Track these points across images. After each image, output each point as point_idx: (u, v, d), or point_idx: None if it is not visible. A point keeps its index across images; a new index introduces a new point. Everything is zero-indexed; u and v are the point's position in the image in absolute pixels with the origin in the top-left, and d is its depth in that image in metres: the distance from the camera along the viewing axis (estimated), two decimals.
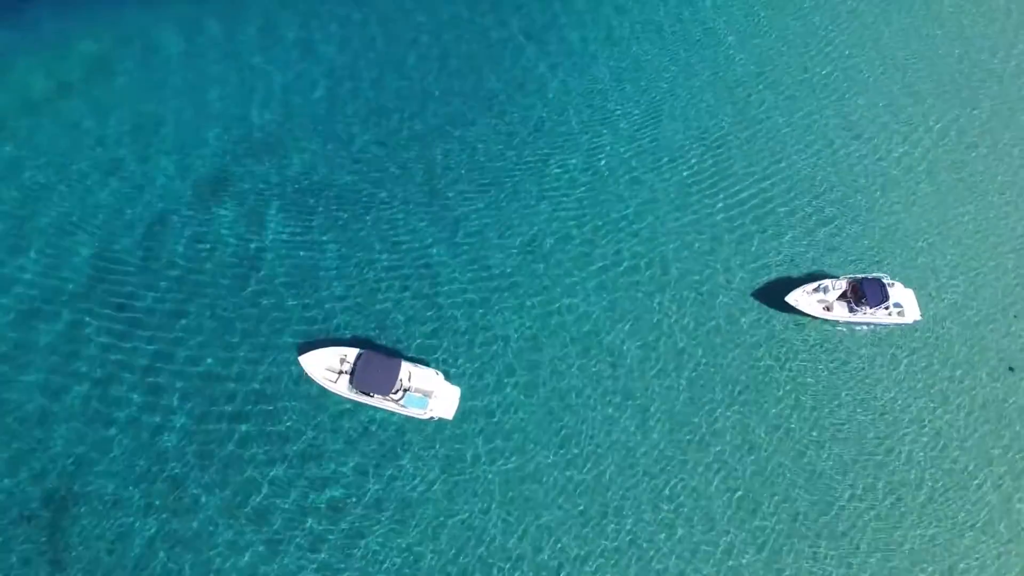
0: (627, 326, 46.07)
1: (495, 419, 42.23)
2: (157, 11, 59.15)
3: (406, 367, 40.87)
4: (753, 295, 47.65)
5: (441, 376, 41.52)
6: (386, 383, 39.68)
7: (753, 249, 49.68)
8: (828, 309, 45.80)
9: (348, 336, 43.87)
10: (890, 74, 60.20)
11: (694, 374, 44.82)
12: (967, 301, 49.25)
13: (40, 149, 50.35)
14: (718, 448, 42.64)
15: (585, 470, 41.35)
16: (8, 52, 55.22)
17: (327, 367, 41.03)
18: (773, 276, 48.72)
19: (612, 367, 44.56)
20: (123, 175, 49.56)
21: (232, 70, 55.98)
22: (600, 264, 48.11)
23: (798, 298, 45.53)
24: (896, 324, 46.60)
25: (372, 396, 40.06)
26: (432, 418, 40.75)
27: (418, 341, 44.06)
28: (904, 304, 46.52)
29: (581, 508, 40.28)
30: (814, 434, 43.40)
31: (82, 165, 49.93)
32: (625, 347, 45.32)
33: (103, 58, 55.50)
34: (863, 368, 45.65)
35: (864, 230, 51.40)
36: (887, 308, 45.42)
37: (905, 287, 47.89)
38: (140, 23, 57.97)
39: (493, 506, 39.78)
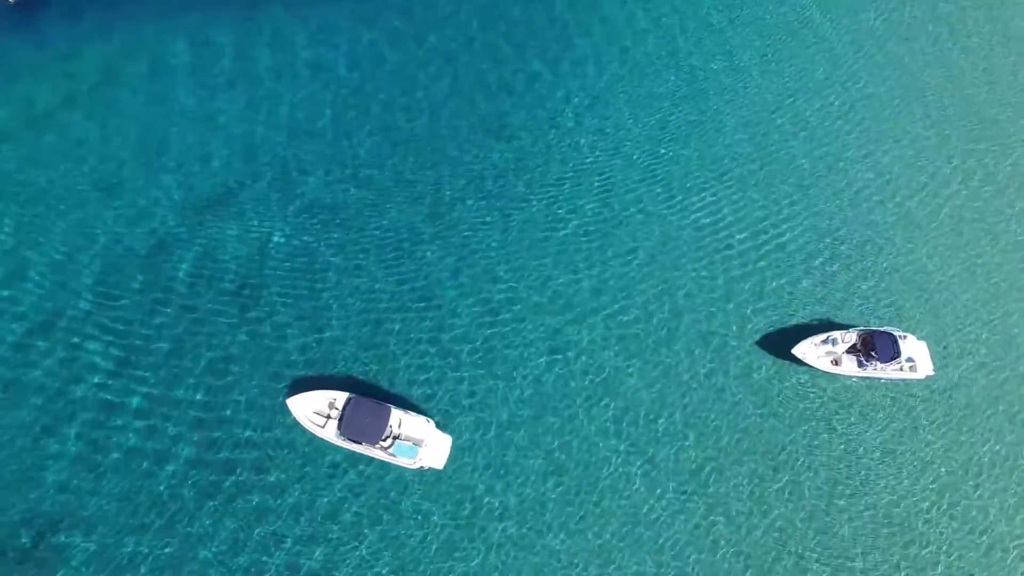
0: (633, 372, 44.87)
1: (489, 469, 41.27)
2: (166, 25, 58.43)
3: (396, 414, 39.94)
4: (764, 343, 46.18)
5: (432, 424, 40.56)
6: (374, 431, 38.79)
7: (766, 292, 48.17)
8: (836, 363, 44.21)
9: (342, 375, 43.03)
10: (915, 109, 58.25)
11: (700, 425, 43.61)
12: (984, 355, 47.58)
13: (42, 167, 49.81)
14: (724, 505, 41.33)
15: (584, 527, 40.27)
16: (15, 65, 54.80)
17: (315, 410, 40.23)
18: (786, 322, 47.23)
19: (616, 417, 43.45)
20: (124, 198, 48.89)
21: (239, 89, 55.19)
22: (608, 307, 46.81)
23: (805, 351, 44.03)
24: (908, 379, 44.80)
25: (360, 444, 39.12)
26: (421, 467, 39.75)
27: (412, 384, 43.14)
28: (916, 358, 44.80)
29: (580, 570, 39.04)
30: (821, 496, 42.04)
31: (83, 186, 49.33)
32: (630, 395, 44.14)
33: (109, 73, 54.93)
34: (872, 426, 44.14)
35: (880, 275, 49.74)
36: (898, 364, 43.65)
37: (918, 339, 46.16)
38: (148, 37, 57.29)
39: (485, 566, 38.67)
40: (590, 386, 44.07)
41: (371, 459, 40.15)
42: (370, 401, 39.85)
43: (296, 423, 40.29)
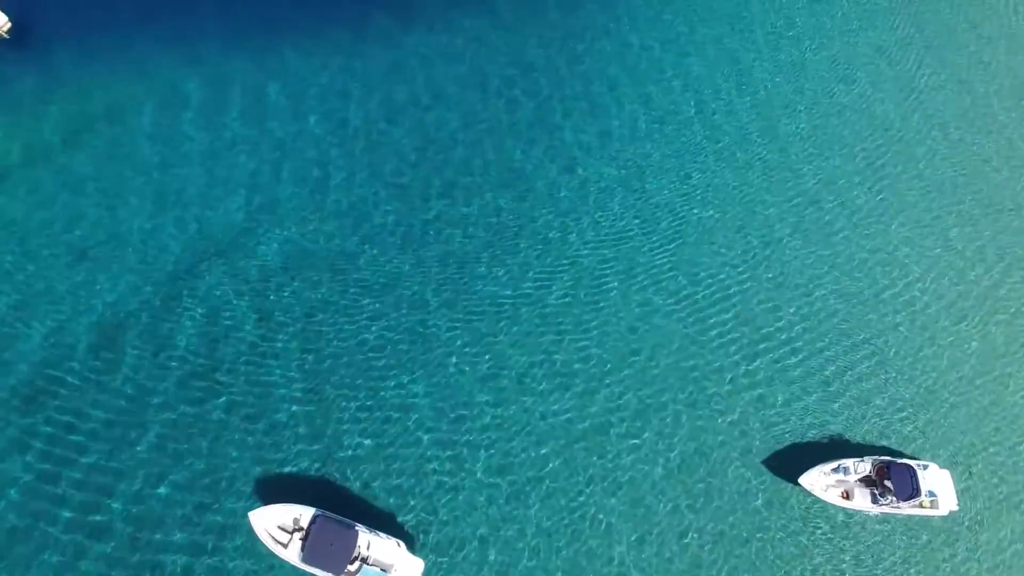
0: (626, 490, 41.52)
1: None
2: (168, 67, 56.54)
3: (364, 536, 37.12)
4: (771, 463, 42.72)
5: (403, 547, 37.69)
6: (339, 559, 36.10)
7: (775, 405, 44.65)
8: (847, 496, 40.64)
9: (312, 478, 40.26)
10: (943, 199, 54.18)
11: (697, 555, 40.00)
12: (1017, 484, 43.33)
13: (14, 226, 47.79)
14: None
15: None
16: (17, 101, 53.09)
17: (279, 525, 37.54)
18: (797, 439, 43.81)
19: (606, 539, 40.15)
20: (92, 261, 46.69)
21: (240, 141, 53.44)
22: (602, 416, 43.47)
23: (813, 482, 40.55)
24: (928, 516, 41.02)
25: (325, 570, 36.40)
26: None
27: (383, 499, 40.17)
28: (939, 492, 41.02)
29: None
30: None
31: (55, 248, 47.14)
32: (621, 515, 40.77)
33: (116, 110, 53.61)
34: (886, 570, 40.27)
35: (902, 387, 46.03)
36: (918, 501, 39.92)
37: (941, 467, 42.32)
38: (154, 76, 55.55)
39: None
40: (577, 508, 40.82)
41: None
42: (336, 523, 37.07)
43: (254, 536, 37.53)
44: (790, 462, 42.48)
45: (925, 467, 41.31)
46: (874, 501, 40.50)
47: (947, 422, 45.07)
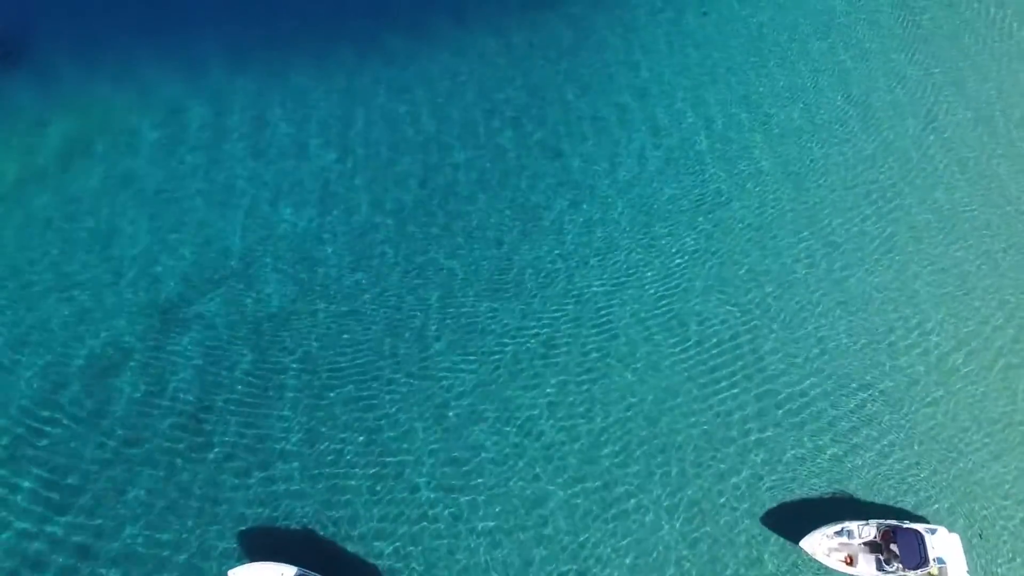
0: (627, 547, 39.99)
1: None
2: (166, 94, 55.77)
3: None
4: (770, 520, 41.09)
5: None
6: None
7: (783, 461, 42.92)
8: (850, 561, 39.16)
9: (297, 530, 39.25)
10: (961, 237, 52.23)
11: None
12: None
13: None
14: None
15: None
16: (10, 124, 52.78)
17: None
18: (802, 496, 41.97)
19: None
20: (80, 301, 46.24)
21: (216, 181, 52.68)
22: (605, 474, 41.85)
23: (815, 546, 39.08)
24: None
25: None
26: None
27: (373, 557, 39.04)
28: (948, 559, 39.30)
29: None
30: None
31: (46, 278, 46.54)
32: (622, 574, 39.41)
33: (113, 134, 54.01)
34: None
35: (911, 443, 44.12)
36: (926, 571, 38.35)
37: (950, 531, 40.58)
38: (158, 99, 54.96)
39: None
40: (583, 564, 39.44)
41: None
42: None
43: None
44: (796, 520, 40.91)
45: (933, 531, 39.70)
46: (879, 568, 38.99)
47: (957, 479, 43.32)
